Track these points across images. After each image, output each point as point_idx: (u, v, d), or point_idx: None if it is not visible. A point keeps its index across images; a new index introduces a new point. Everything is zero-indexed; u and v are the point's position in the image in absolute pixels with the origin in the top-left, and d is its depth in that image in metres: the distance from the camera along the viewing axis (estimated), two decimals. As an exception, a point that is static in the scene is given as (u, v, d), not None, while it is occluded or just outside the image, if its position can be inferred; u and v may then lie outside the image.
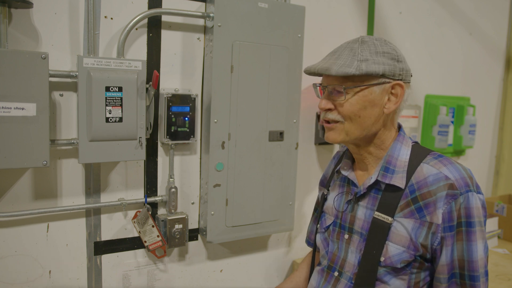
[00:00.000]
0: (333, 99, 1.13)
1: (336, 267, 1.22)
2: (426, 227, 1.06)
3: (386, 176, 1.13)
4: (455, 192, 1.04)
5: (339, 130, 1.14)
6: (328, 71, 1.10)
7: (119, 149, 1.64)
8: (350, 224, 1.20)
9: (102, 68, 1.58)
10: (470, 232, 1.03)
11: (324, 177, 1.44)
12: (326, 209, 1.32)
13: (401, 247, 1.08)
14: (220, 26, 1.79)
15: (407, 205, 1.09)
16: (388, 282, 1.10)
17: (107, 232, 1.79)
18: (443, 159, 1.12)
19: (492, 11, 3.13)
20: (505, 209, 2.89)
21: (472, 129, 2.92)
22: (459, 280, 1.05)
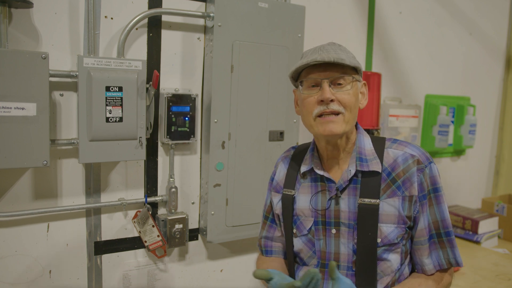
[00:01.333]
0: (333, 90, 1.16)
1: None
2: (407, 200, 1.19)
3: (363, 165, 1.21)
4: (422, 166, 1.20)
5: (341, 122, 1.16)
6: (343, 61, 1.13)
7: (119, 149, 1.64)
8: (336, 218, 1.22)
9: (102, 68, 1.58)
10: (438, 196, 1.20)
11: (277, 182, 1.37)
12: (300, 212, 1.28)
13: (392, 224, 1.18)
14: (220, 26, 1.79)
15: (388, 186, 1.20)
16: (387, 258, 1.20)
17: (107, 232, 1.79)
18: (400, 141, 1.26)
19: (492, 11, 3.13)
20: (505, 209, 2.88)
21: (472, 129, 2.92)
22: (437, 239, 1.21)
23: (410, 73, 2.69)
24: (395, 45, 2.60)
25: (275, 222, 1.40)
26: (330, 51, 1.17)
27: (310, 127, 1.21)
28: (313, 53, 1.18)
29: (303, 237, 1.28)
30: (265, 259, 1.42)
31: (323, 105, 1.15)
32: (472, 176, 3.19)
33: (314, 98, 1.17)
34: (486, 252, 2.53)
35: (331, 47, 1.19)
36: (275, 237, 1.41)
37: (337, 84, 1.16)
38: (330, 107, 1.15)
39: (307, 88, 1.19)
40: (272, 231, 1.41)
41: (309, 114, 1.19)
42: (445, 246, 1.22)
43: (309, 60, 1.15)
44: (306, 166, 1.29)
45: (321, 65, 1.16)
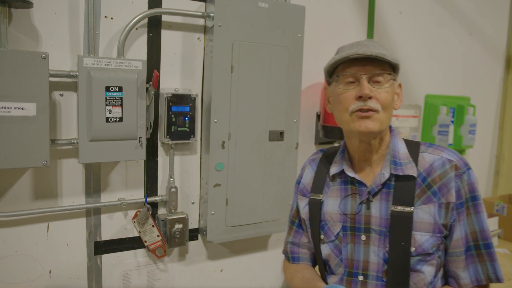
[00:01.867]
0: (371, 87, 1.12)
1: (359, 271, 1.17)
2: (444, 207, 1.13)
3: (398, 169, 1.16)
4: (460, 172, 1.14)
5: (376, 120, 1.12)
6: (384, 56, 1.09)
7: (119, 149, 1.64)
8: (366, 224, 1.17)
9: (102, 68, 1.58)
10: (477, 205, 1.14)
11: (303, 185, 1.34)
12: (328, 216, 1.23)
13: (427, 233, 1.12)
14: (220, 26, 1.79)
15: (423, 192, 1.14)
16: (421, 269, 1.13)
17: (107, 232, 1.79)
18: (436, 146, 1.21)
19: (492, 11, 3.13)
20: (505, 209, 2.88)
21: (472, 129, 2.92)
22: (475, 251, 1.14)
23: (410, 73, 2.69)
24: (395, 45, 2.60)
25: (302, 227, 1.35)
26: (370, 46, 1.13)
27: (346, 123, 1.15)
28: (351, 48, 1.14)
29: (330, 243, 1.22)
30: (296, 267, 1.36)
31: (360, 101, 1.11)
32: (472, 176, 3.18)
33: (351, 93, 1.12)
34: (486, 252, 2.53)
35: (370, 42, 1.16)
36: (302, 243, 1.36)
37: (375, 81, 1.12)
38: (367, 104, 1.10)
39: (343, 83, 1.15)
40: (299, 237, 1.36)
41: (345, 110, 1.14)
42: (484, 260, 1.14)
43: (349, 53, 1.10)
44: (336, 168, 1.25)
45: (360, 60, 1.12)
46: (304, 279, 1.27)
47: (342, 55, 1.12)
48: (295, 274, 1.32)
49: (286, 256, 1.41)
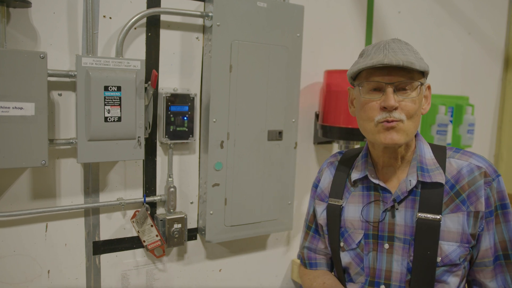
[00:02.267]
0: (397, 97, 1.07)
1: (381, 280, 1.14)
2: (473, 216, 1.09)
3: (425, 176, 1.11)
4: (489, 179, 1.10)
5: (401, 130, 1.06)
6: (412, 65, 1.03)
7: (118, 149, 1.64)
8: (390, 232, 1.13)
9: (100, 68, 1.57)
10: (507, 214, 1.10)
11: (321, 190, 1.29)
12: (348, 223, 1.19)
13: (455, 243, 1.09)
14: (219, 25, 1.79)
15: (451, 200, 1.10)
16: (447, 280, 1.10)
17: (105, 232, 1.79)
18: (464, 151, 1.16)
19: (491, 10, 3.13)
20: (504, 208, 2.88)
21: (471, 128, 2.92)
22: (504, 261, 1.10)
23: (409, 72, 2.69)
24: (394, 45, 2.60)
25: (319, 232, 1.31)
26: (397, 51, 1.06)
27: (370, 133, 1.10)
28: (377, 52, 1.08)
29: (351, 252, 1.18)
30: (314, 273, 1.32)
31: (386, 111, 1.06)
32: (471, 176, 3.18)
33: (376, 103, 1.07)
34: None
35: (397, 45, 1.09)
36: (319, 249, 1.32)
37: (402, 89, 1.07)
38: (392, 115, 1.05)
39: (368, 91, 1.09)
40: (316, 243, 1.33)
41: (369, 119, 1.09)
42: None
43: (374, 62, 1.04)
44: (358, 174, 1.20)
45: (386, 67, 1.05)
46: (325, 285, 1.23)
47: (367, 63, 1.05)
48: (314, 280, 1.28)
49: (303, 262, 1.36)
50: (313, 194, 1.34)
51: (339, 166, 1.28)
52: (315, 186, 1.33)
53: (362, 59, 1.11)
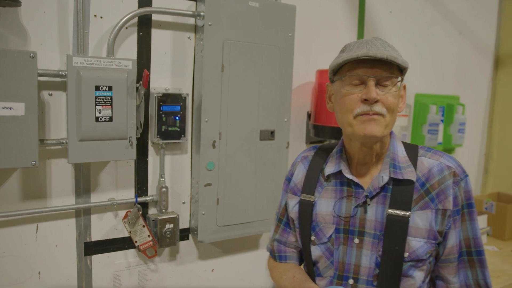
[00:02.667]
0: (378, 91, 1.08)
1: (349, 274, 1.15)
2: (441, 214, 1.12)
3: (397, 173, 1.13)
4: (458, 179, 1.13)
5: (382, 124, 1.08)
6: (396, 59, 1.05)
7: (109, 149, 1.63)
8: (360, 227, 1.14)
9: (91, 67, 1.56)
10: (472, 213, 1.14)
11: (294, 184, 1.29)
12: (320, 218, 1.20)
13: (422, 239, 1.11)
14: (211, 25, 1.78)
15: (421, 197, 1.12)
16: (412, 275, 1.12)
17: (97, 233, 1.78)
18: (435, 151, 1.19)
19: (481, 10, 3.16)
20: (494, 207, 2.92)
21: (462, 127, 2.95)
22: (466, 257, 1.15)
23: (400, 72, 2.71)
24: (385, 45, 2.61)
25: (289, 226, 1.32)
26: (380, 47, 1.08)
27: (348, 125, 1.11)
28: (360, 47, 1.09)
29: (322, 245, 1.19)
30: (284, 266, 1.32)
31: (366, 104, 1.07)
32: (462, 175, 3.21)
33: (357, 96, 1.08)
34: (475, 250, 2.55)
35: (379, 42, 1.11)
36: (289, 242, 1.33)
37: (383, 84, 1.08)
38: (373, 108, 1.07)
39: (349, 84, 1.10)
40: (286, 236, 1.33)
41: (349, 112, 1.09)
42: (475, 266, 1.15)
43: (359, 54, 1.05)
44: (332, 168, 1.20)
45: (368, 61, 1.07)
46: (295, 279, 1.24)
47: (351, 55, 1.07)
48: (284, 273, 1.29)
49: (272, 254, 1.37)
50: (285, 187, 1.34)
51: (313, 160, 1.28)
52: (288, 179, 1.33)
53: (345, 53, 1.12)
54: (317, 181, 1.24)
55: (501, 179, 3.34)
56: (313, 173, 1.26)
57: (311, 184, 1.24)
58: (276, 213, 1.38)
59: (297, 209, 1.26)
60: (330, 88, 1.22)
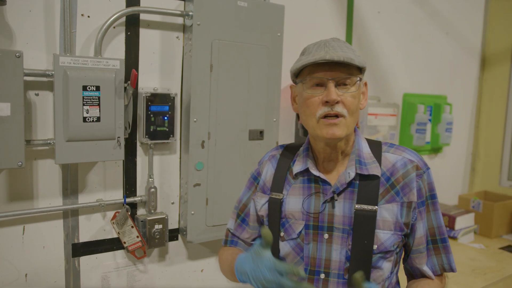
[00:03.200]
0: (338, 92, 1.11)
1: (320, 269, 1.17)
2: (406, 206, 1.16)
3: (362, 169, 1.17)
4: (420, 172, 1.19)
5: (343, 125, 1.12)
6: (352, 61, 1.09)
7: (97, 149, 1.62)
8: (329, 223, 1.17)
9: (79, 67, 1.55)
10: (435, 203, 1.21)
11: (263, 182, 1.30)
12: (289, 214, 1.22)
13: (389, 231, 1.15)
14: (199, 24, 1.78)
15: (387, 191, 1.17)
16: (381, 266, 1.16)
17: (85, 234, 1.76)
18: (397, 146, 1.25)
19: (468, 11, 3.19)
20: (481, 205, 2.95)
21: (449, 127, 2.98)
22: (432, 246, 1.22)
23: (389, 72, 2.73)
24: (373, 45, 2.63)
25: (246, 222, 1.34)
26: (337, 48, 1.11)
27: (312, 128, 1.15)
28: (318, 50, 1.13)
29: (291, 241, 1.21)
30: (231, 248, 1.36)
31: (327, 106, 1.10)
32: (449, 173, 3.25)
33: (318, 98, 1.12)
34: (462, 248, 2.59)
35: (336, 43, 1.14)
36: (242, 237, 1.35)
37: (342, 84, 1.12)
38: (334, 109, 1.10)
39: (310, 87, 1.14)
40: (240, 231, 1.35)
41: (312, 115, 1.13)
42: (440, 253, 1.22)
43: (317, 58, 1.09)
44: (299, 167, 1.23)
45: (327, 63, 1.11)
46: (232, 254, 1.29)
47: (309, 60, 1.10)
48: (226, 251, 1.34)
49: (224, 240, 1.40)
50: (249, 185, 1.36)
51: (280, 159, 1.31)
52: (254, 177, 1.35)
53: (304, 56, 1.15)
54: (285, 179, 1.26)
55: (488, 177, 3.38)
56: (281, 171, 1.28)
57: (279, 182, 1.27)
58: (235, 207, 1.39)
59: (266, 207, 1.28)
60: (294, 89, 1.25)
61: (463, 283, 2.09)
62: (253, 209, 1.32)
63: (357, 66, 1.14)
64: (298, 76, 1.19)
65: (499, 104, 3.30)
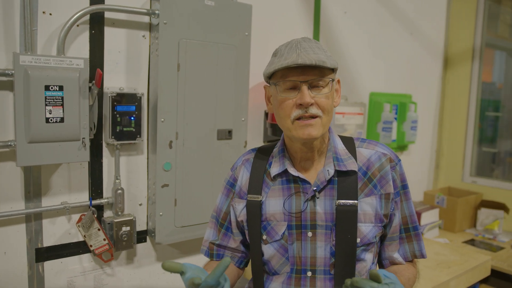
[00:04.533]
0: (311, 93, 1.13)
1: (307, 267, 1.19)
2: (384, 198, 1.21)
3: (340, 165, 1.20)
4: (393, 164, 1.24)
5: (318, 125, 1.14)
6: (324, 63, 1.10)
7: (61, 151, 1.58)
8: (312, 221, 1.18)
9: (40, 66, 1.51)
10: (407, 192, 1.26)
11: (240, 187, 1.29)
12: (270, 217, 1.21)
13: (370, 223, 1.19)
14: (166, 23, 1.76)
15: (365, 185, 1.21)
16: (364, 258, 1.20)
17: (49, 238, 1.71)
18: (369, 141, 1.29)
19: (431, 12, 3.28)
20: (445, 201, 3.04)
21: (414, 125, 3.05)
22: (405, 234, 1.26)
23: (355, 71, 2.77)
24: (340, 44, 2.67)
25: (231, 230, 1.31)
26: (309, 50, 1.12)
27: (288, 130, 1.16)
28: (290, 52, 1.13)
29: (275, 243, 1.21)
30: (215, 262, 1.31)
31: (302, 108, 1.12)
32: (415, 170, 3.33)
33: (292, 101, 1.13)
34: (428, 242, 2.65)
35: (308, 44, 1.14)
36: (228, 247, 1.32)
37: (315, 86, 1.13)
38: (309, 111, 1.12)
39: (283, 90, 1.14)
40: (227, 240, 1.32)
41: (286, 117, 1.14)
42: (412, 240, 1.26)
43: (289, 62, 1.10)
44: (277, 168, 1.23)
45: (299, 66, 1.11)
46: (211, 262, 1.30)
47: (282, 64, 1.11)
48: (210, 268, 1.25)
49: (209, 253, 1.33)
50: (226, 192, 1.33)
51: (254, 162, 1.30)
52: (230, 184, 1.32)
53: (277, 58, 1.15)
54: (263, 182, 1.26)
55: (451, 174, 3.48)
56: (257, 174, 1.27)
57: (256, 185, 1.26)
58: (215, 216, 1.35)
59: (245, 212, 1.26)
60: (268, 90, 1.26)
61: (428, 277, 2.14)
62: (234, 216, 1.30)
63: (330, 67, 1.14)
64: (271, 78, 1.19)
65: (461, 102, 3.41)
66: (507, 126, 3.49)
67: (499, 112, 3.49)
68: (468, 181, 3.38)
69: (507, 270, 2.43)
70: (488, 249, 2.71)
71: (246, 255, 1.34)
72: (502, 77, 3.60)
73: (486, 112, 3.44)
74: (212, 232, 1.35)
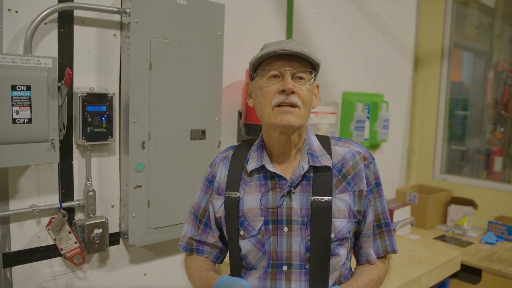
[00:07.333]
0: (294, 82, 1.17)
1: (282, 262, 1.22)
2: (357, 195, 1.25)
3: (315, 161, 1.23)
4: (367, 162, 1.28)
5: (297, 115, 1.17)
6: (309, 54, 1.17)
7: (29, 152, 1.54)
8: (288, 216, 1.21)
9: (6, 66, 1.46)
10: (380, 190, 1.31)
11: (218, 184, 1.31)
12: (247, 212, 1.24)
13: (344, 219, 1.22)
14: (137, 22, 1.73)
15: (339, 182, 1.24)
16: (338, 253, 1.23)
17: (17, 242, 1.67)
18: (344, 139, 1.33)
19: (401, 13, 3.34)
20: (417, 198, 3.10)
21: (386, 124, 3.10)
22: (377, 230, 1.30)
23: (328, 71, 2.80)
24: (313, 44, 2.69)
25: (210, 226, 1.34)
26: (295, 44, 1.18)
27: (267, 116, 1.19)
28: (277, 45, 1.18)
29: (252, 238, 1.23)
30: (197, 257, 1.34)
31: (283, 95, 1.16)
32: (387, 168, 3.38)
33: (274, 87, 1.17)
34: (400, 239, 2.70)
35: (294, 42, 1.21)
36: (207, 242, 1.35)
37: (298, 78, 1.19)
38: (290, 98, 1.16)
39: (267, 77, 1.19)
40: (205, 236, 1.35)
41: (267, 103, 1.18)
42: (384, 236, 1.31)
43: (276, 48, 1.16)
44: (254, 164, 1.26)
45: (285, 56, 1.18)
46: (202, 268, 1.30)
47: (269, 50, 1.17)
48: (195, 263, 1.33)
49: (189, 248, 1.36)
50: (205, 189, 1.35)
51: (233, 159, 1.33)
52: (209, 181, 1.34)
53: (264, 50, 1.20)
54: (240, 179, 1.28)
55: (422, 171, 3.56)
56: (235, 171, 1.30)
57: (234, 182, 1.28)
58: (193, 212, 1.37)
59: (223, 208, 1.28)
60: (250, 85, 1.30)
61: (401, 273, 2.18)
62: (212, 212, 1.32)
63: (312, 65, 1.21)
64: (256, 70, 1.24)
65: (431, 101, 3.48)
66: (475, 125, 3.59)
67: (467, 111, 3.58)
68: (438, 178, 3.46)
69: (476, 264, 2.50)
70: (458, 244, 2.78)
71: (223, 251, 1.38)
72: (470, 77, 3.70)
73: (455, 111, 3.53)
74: (191, 228, 1.38)
